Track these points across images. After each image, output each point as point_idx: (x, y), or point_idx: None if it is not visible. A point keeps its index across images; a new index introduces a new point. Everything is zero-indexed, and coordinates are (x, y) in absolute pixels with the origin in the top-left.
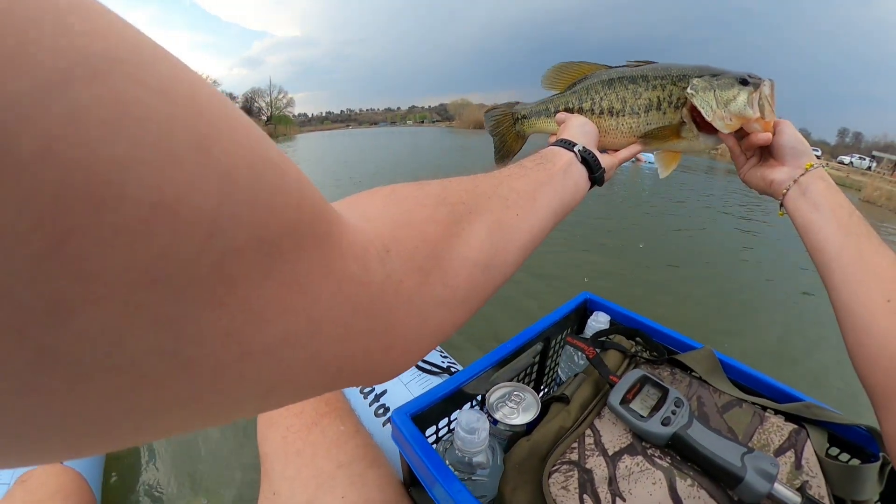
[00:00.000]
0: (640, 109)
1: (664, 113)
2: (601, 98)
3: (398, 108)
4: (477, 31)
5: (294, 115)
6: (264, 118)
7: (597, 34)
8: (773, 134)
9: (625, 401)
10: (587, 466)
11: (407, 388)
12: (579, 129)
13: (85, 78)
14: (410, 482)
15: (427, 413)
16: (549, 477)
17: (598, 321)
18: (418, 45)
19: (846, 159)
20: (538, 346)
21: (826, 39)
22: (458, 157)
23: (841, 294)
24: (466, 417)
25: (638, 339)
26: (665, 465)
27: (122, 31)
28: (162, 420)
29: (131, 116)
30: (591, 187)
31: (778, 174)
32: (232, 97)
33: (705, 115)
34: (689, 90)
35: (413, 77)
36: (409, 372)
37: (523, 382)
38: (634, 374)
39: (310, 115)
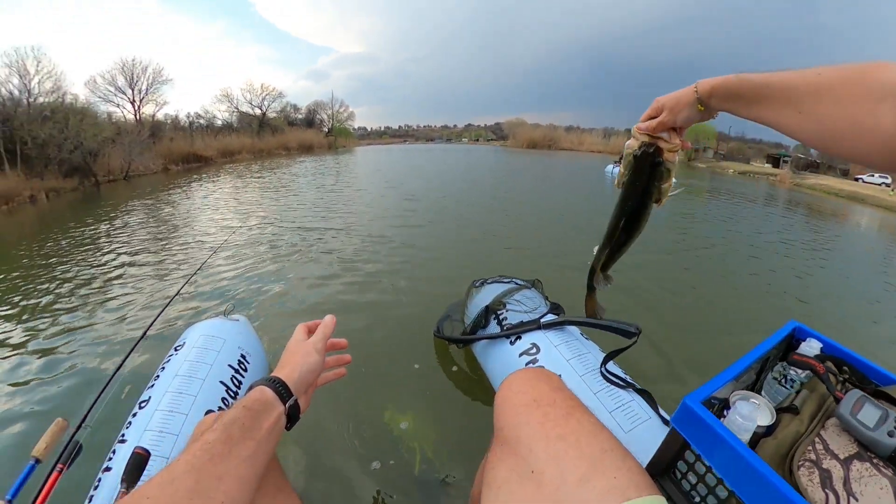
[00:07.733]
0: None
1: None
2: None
3: (454, 126)
4: (533, 52)
5: (354, 129)
6: (325, 129)
7: (655, 54)
8: (656, 118)
9: (851, 413)
10: (824, 467)
11: (597, 396)
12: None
13: None
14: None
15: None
16: (798, 469)
17: (812, 347)
18: (476, 65)
19: None
20: (758, 364)
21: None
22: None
23: (811, 116)
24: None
25: (845, 367)
26: (889, 474)
27: None
28: None
29: None
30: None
31: (687, 116)
32: (296, 108)
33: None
34: (625, 160)
35: (470, 95)
36: (597, 383)
37: None
38: (855, 393)
39: (369, 129)
